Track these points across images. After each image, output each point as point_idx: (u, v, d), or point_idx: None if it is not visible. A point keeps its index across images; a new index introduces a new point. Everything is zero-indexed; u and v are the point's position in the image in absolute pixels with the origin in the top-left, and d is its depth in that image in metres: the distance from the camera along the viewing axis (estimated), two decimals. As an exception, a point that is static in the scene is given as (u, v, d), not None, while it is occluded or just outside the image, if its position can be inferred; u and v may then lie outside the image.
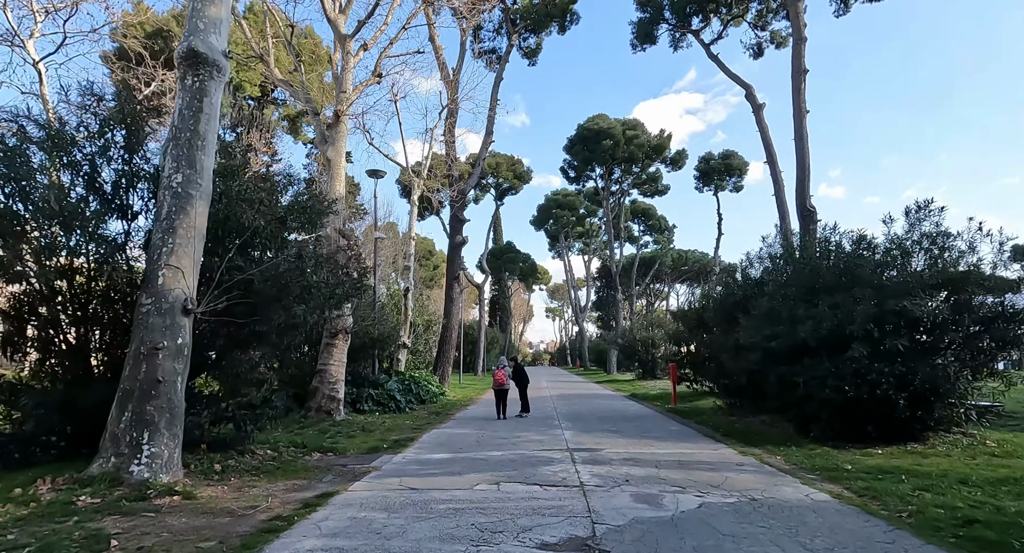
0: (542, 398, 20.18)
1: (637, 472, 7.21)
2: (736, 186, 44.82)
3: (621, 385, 28.41)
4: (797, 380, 9.93)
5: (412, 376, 17.71)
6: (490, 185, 43.91)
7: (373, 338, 14.01)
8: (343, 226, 12.97)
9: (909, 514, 5.30)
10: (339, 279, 8.14)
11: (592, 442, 9.77)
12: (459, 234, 24.98)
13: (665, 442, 9.83)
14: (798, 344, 10.18)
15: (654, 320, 35.51)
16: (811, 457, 8.33)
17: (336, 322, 12.21)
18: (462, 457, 8.45)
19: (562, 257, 62.41)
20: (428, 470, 7.52)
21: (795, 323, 10.37)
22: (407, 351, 18.97)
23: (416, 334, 22.08)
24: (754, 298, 13.37)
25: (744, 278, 14.56)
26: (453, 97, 20.95)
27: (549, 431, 11.26)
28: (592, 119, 42.89)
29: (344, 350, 12.35)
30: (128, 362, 6.39)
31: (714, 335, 15.93)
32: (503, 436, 10.59)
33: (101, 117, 7.09)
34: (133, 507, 5.29)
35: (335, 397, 11.94)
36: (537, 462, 7.92)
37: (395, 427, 11.83)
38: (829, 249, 11.01)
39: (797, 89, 21.81)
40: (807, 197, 20.82)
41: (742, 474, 7.14)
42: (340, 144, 13.73)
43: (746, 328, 11.81)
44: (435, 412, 15.35)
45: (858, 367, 9.25)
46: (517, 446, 9.40)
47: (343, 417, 12.09)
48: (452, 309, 24.36)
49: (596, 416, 14.13)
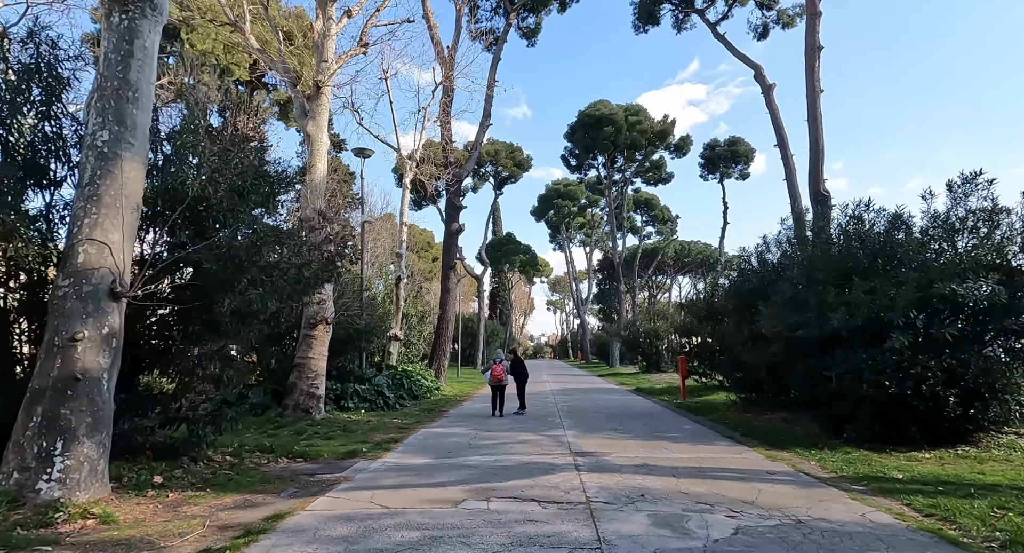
0: (543, 393, 19.14)
1: (653, 483, 6.14)
2: (742, 173, 43.55)
3: (625, 379, 27.36)
4: (828, 374, 8.84)
5: (404, 370, 16.64)
6: (489, 174, 42.66)
7: (359, 329, 12.94)
8: (325, 207, 11.85)
9: (1001, 545, 4.22)
10: (305, 259, 7.04)
11: (598, 444, 8.70)
12: (455, 221, 23.85)
13: (680, 444, 8.75)
14: (828, 334, 9.08)
15: (659, 311, 34.41)
16: (850, 462, 7.25)
17: (315, 311, 11.12)
18: (449, 463, 7.38)
19: (563, 249, 61.29)
20: (407, 480, 6.45)
21: (824, 310, 9.27)
22: (399, 344, 17.89)
23: (409, 326, 21.00)
24: (773, 284, 12.27)
25: (761, 263, 13.44)
26: (448, 74, 19.73)
27: (549, 431, 10.20)
28: (593, 105, 41.55)
29: (325, 342, 11.27)
30: (40, 356, 5.30)
31: (726, 325, 14.82)
32: (498, 437, 9.53)
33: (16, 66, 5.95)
34: (25, 538, 4.21)
35: (314, 394, 10.88)
36: (535, 470, 6.85)
37: (380, 426, 10.77)
38: (862, 228, 9.86)
39: (811, 67, 20.53)
40: (821, 181, 19.63)
41: (776, 485, 6.06)
42: (321, 118, 12.58)
43: (767, 317, 10.72)
44: (427, 409, 14.30)
45: (899, 359, 8.16)
46: (513, 449, 8.33)
47: (323, 416, 11.03)
48: (448, 300, 23.27)
49: (601, 413, 13.07)
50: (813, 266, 10.29)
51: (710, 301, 17.41)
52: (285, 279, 6.57)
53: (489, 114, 25.05)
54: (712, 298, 17.48)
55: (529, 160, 43.19)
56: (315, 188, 11.97)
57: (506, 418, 12.23)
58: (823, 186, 19.42)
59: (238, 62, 29.20)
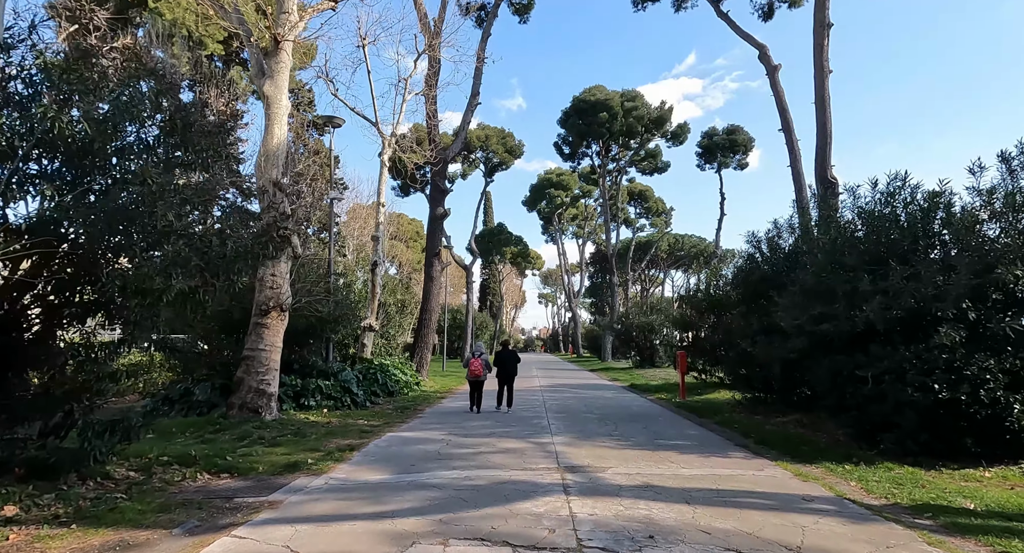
0: (531, 389, 17.80)
1: (662, 515, 4.78)
2: (740, 164, 42.28)
3: (618, 374, 26.10)
4: (862, 374, 7.52)
5: (379, 364, 15.21)
6: (479, 160, 41.04)
7: (323, 318, 11.48)
8: (282, 177, 10.33)
9: None
10: (230, 226, 5.59)
11: (591, 455, 7.34)
12: (440, 206, 22.35)
13: (688, 455, 7.41)
14: (860, 327, 7.77)
15: (654, 304, 33.17)
16: (899, 483, 5.94)
17: (267, 296, 9.63)
18: (409, 481, 5.99)
19: (555, 241, 59.92)
20: (348, 508, 5.05)
21: (855, 301, 7.96)
22: (375, 335, 16.42)
23: (388, 316, 19.53)
24: (789, 272, 10.95)
25: (772, 250, 12.10)
26: (432, 43, 18.16)
27: (535, 436, 8.83)
28: (588, 90, 40.00)
29: (279, 332, 9.80)
30: None
31: (731, 318, 13.53)
32: (475, 444, 8.15)
33: None
34: None
35: (265, 391, 9.42)
36: (514, 493, 5.47)
37: (340, 429, 9.36)
38: (902, 203, 8.51)
39: (819, 46, 19.14)
40: (828, 166, 18.33)
41: (821, 518, 4.72)
42: (280, 78, 11.04)
43: (784, 308, 9.39)
44: (402, 407, 12.90)
45: (950, 358, 6.86)
46: (490, 461, 6.95)
47: (275, 416, 9.58)
48: (432, 289, 21.81)
49: (593, 414, 11.73)
50: (839, 250, 8.94)
51: (711, 292, 16.14)
52: (194, 250, 5.11)
53: (478, 92, 23.50)
54: (713, 289, 16.20)
55: (521, 146, 41.64)
56: (271, 156, 10.47)
57: (488, 417, 10.87)
58: (831, 172, 18.14)
59: (211, 34, 27.43)
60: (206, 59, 28.90)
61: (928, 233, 8.11)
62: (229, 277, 6.06)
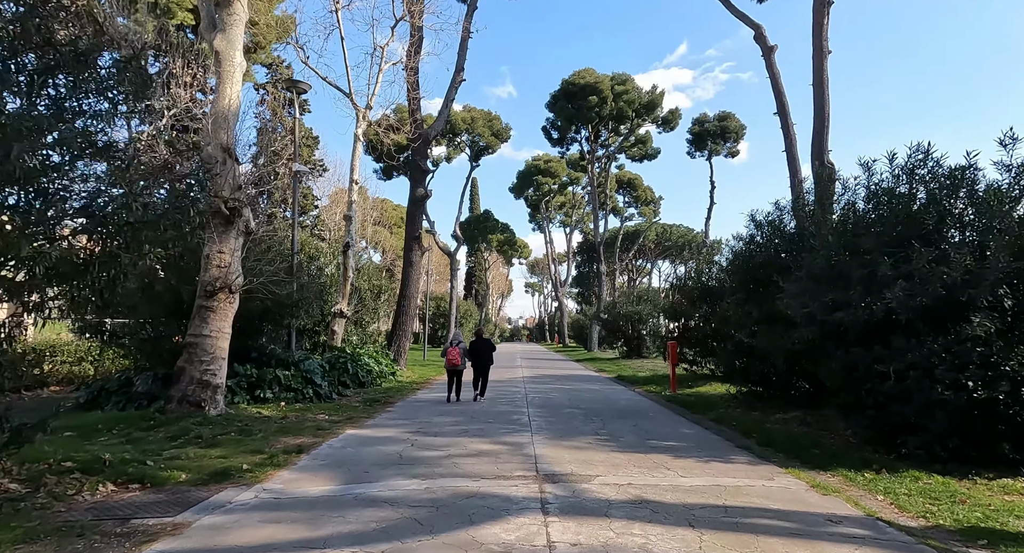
0: (513, 381, 16.88)
1: (662, 543, 3.84)
2: (731, 151, 41.53)
3: (604, 365, 25.30)
4: (882, 369, 6.66)
5: (351, 353, 14.16)
6: (464, 143, 39.71)
7: (281, 302, 10.35)
8: (230, 142, 9.15)
9: None
10: (133, 184, 4.48)
11: (574, 459, 6.40)
12: (421, 186, 21.19)
13: (685, 460, 6.50)
14: (879, 316, 6.89)
15: (641, 293, 32.38)
16: (933, 498, 5.08)
17: (213, 275, 8.50)
18: (356, 494, 4.99)
19: (542, 229, 58.96)
20: (269, 536, 4.04)
21: (872, 286, 7.08)
22: (345, 321, 15.32)
23: (362, 301, 18.41)
24: (795, 255, 10.07)
25: (775, 232, 11.17)
26: (411, 9, 16.88)
27: (511, 435, 7.88)
28: (578, 73, 38.81)
29: (227, 316, 8.69)
30: None
31: (727, 306, 12.64)
32: (443, 445, 7.18)
33: None
34: None
35: (210, 382, 8.33)
36: (481, 512, 4.50)
37: (295, 425, 8.32)
38: (924, 179, 7.61)
39: (819, 24, 18.18)
40: (825, 151, 17.50)
41: (858, 549, 3.82)
42: (233, 32, 9.81)
43: (791, 294, 8.49)
44: (372, 399, 11.89)
45: (986, 352, 6.01)
46: (458, 468, 5.98)
47: (221, 411, 8.50)
48: (411, 274, 20.72)
49: (578, 408, 10.82)
50: (854, 231, 8.05)
51: (704, 280, 15.24)
52: (83, 211, 4.02)
53: (463, 67, 22.24)
54: (705, 277, 15.30)
55: (508, 130, 40.39)
56: (222, 119, 9.28)
57: (461, 414, 9.91)
58: (827, 157, 17.30)
59: (180, 2, 25.82)
60: (175, 29, 27.23)
61: (953, 213, 7.25)
62: (138, 247, 4.95)
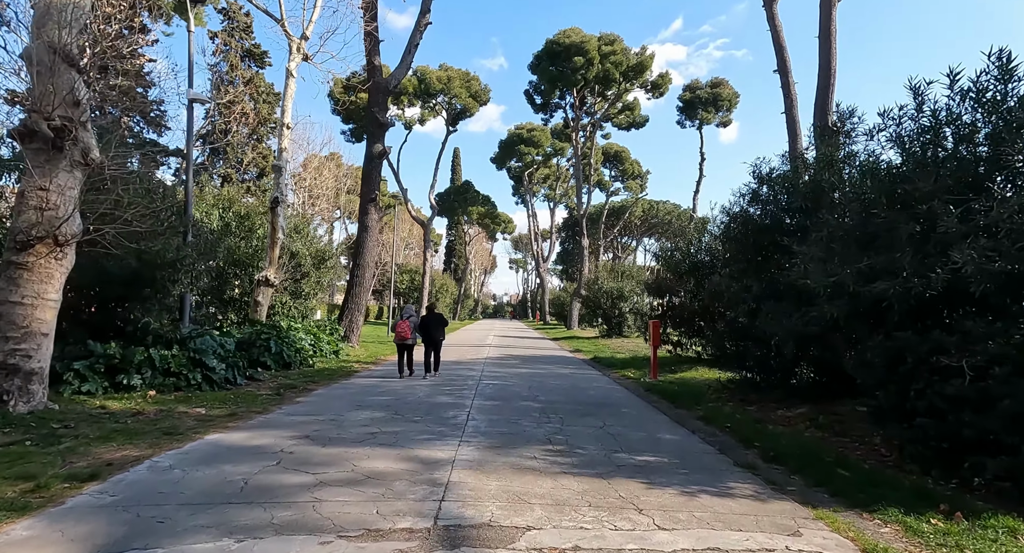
0: (474, 362, 14.86)
1: None
2: (723, 121, 39.29)
3: (582, 344, 23.40)
4: (950, 361, 4.65)
5: (276, 328, 11.96)
6: (440, 105, 36.87)
7: (151, 261, 7.91)
8: (64, 42, 6.71)
9: None
10: None
11: (503, 492, 4.33)
12: (378, 141, 18.73)
13: (664, 491, 4.46)
14: (937, 288, 4.86)
15: (625, 269, 30.43)
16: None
17: (27, 220, 6.16)
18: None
19: (525, 203, 56.47)
20: None
21: (929, 246, 5.06)
22: (271, 291, 13.03)
23: (299, 268, 16.08)
24: (811, 212, 7.99)
25: (784, 184, 9.04)
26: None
27: (432, 444, 5.79)
28: (564, 32, 35.96)
29: (54, 277, 6.38)
30: None
31: (720, 279, 10.59)
32: (325, 459, 5.07)
33: None
34: None
35: (19, 367, 6.08)
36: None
37: (145, 427, 6.14)
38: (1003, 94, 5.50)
39: (829, -36, 15.93)
40: (829, 111, 15.40)
41: None
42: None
43: (811, 259, 6.44)
44: (288, 385, 9.76)
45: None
46: (317, 507, 3.87)
47: (38, 405, 6.26)
48: (366, 241, 18.41)
49: (536, 402, 8.78)
50: (899, 176, 5.96)
51: (692, 253, 13.18)
52: None
53: (428, 9, 19.61)
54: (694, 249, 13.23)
55: (487, 91, 37.60)
56: (55, 10, 6.83)
57: (390, 405, 7.83)
58: (832, 117, 15.21)
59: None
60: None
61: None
62: None
